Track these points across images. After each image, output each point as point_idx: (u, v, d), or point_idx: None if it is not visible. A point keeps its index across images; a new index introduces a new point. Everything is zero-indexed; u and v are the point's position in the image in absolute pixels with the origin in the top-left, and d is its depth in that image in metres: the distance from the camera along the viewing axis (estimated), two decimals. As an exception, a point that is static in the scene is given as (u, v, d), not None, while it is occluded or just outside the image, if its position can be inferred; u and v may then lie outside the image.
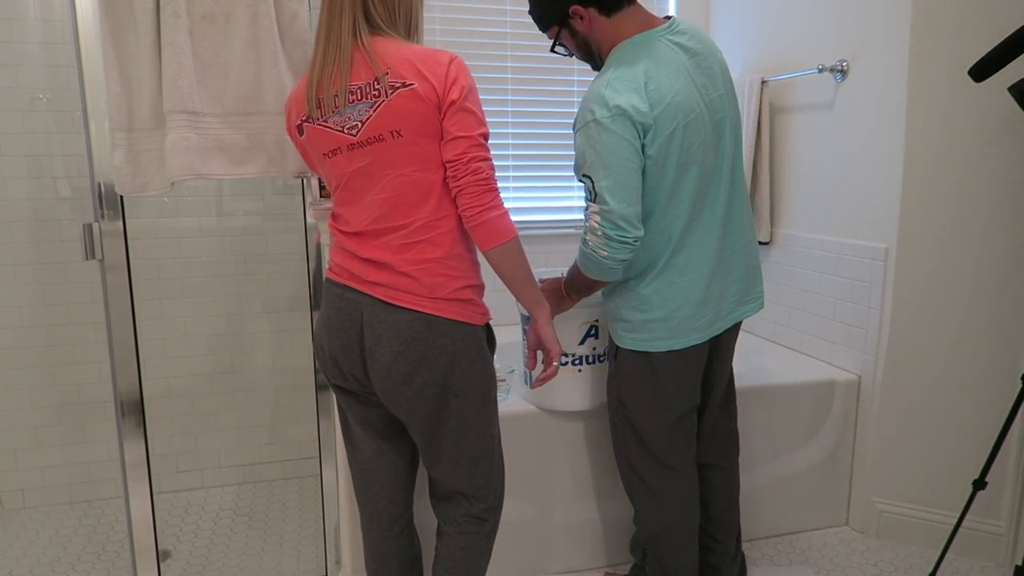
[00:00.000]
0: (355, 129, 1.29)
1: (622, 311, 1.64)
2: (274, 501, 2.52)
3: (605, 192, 1.46)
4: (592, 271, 1.56)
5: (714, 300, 1.62)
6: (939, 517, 2.14)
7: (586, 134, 1.48)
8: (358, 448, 1.53)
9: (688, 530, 1.75)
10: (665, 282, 1.59)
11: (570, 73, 2.80)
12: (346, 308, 1.37)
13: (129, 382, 1.65)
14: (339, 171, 1.34)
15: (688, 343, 1.61)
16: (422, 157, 1.31)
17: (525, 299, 1.42)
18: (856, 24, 2.20)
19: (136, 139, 1.52)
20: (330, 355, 1.41)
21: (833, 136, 2.32)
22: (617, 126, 1.44)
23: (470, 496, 1.49)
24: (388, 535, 1.56)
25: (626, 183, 1.46)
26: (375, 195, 1.32)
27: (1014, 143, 1.93)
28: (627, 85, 1.45)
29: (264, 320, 2.58)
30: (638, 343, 1.63)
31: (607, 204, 1.46)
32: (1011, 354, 2.01)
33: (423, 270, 1.32)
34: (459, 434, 1.42)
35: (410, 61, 1.27)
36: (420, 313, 1.32)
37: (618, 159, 1.45)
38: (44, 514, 2.40)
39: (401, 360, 1.33)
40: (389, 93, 1.27)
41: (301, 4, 1.54)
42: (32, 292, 2.37)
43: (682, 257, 1.58)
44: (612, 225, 1.47)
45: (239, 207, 2.52)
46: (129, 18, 1.46)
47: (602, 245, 1.49)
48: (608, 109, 1.44)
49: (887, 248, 2.12)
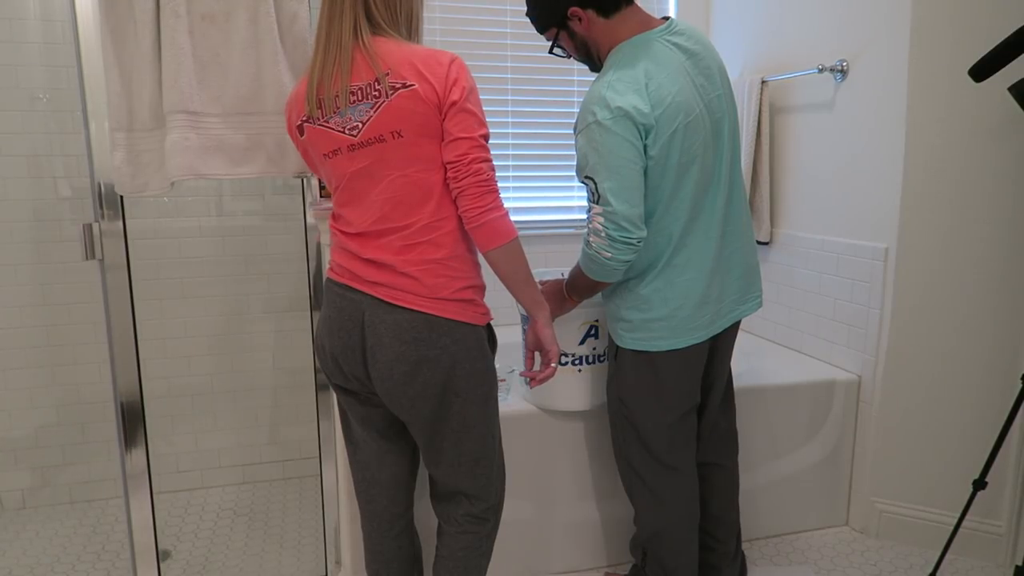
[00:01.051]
0: (356, 130, 1.29)
1: (622, 311, 1.64)
2: (274, 501, 2.52)
3: (608, 193, 1.46)
4: (595, 272, 1.56)
5: (714, 299, 1.62)
6: (939, 517, 2.14)
7: (588, 136, 1.47)
8: (359, 448, 1.53)
9: (688, 530, 1.75)
10: (665, 281, 1.59)
11: (570, 73, 2.80)
12: (347, 308, 1.37)
13: (129, 382, 1.65)
14: (340, 172, 1.34)
15: (689, 342, 1.61)
16: (423, 158, 1.30)
17: (525, 300, 1.42)
18: (856, 24, 2.20)
19: (136, 139, 1.52)
20: (331, 355, 1.41)
21: (833, 136, 2.32)
22: (619, 127, 1.44)
23: (471, 496, 1.49)
24: (388, 535, 1.56)
25: (629, 184, 1.46)
26: (376, 196, 1.32)
27: (1014, 143, 1.93)
28: (628, 86, 1.45)
29: (264, 320, 2.58)
30: (639, 343, 1.63)
31: (610, 205, 1.46)
32: (1011, 354, 2.01)
33: (425, 271, 1.32)
34: (460, 434, 1.42)
35: (411, 61, 1.27)
36: (421, 313, 1.32)
37: (620, 160, 1.45)
38: (44, 514, 2.40)
39: (402, 360, 1.33)
40: (390, 94, 1.27)
41: (301, 4, 1.54)
42: (32, 292, 2.37)
43: (682, 256, 1.58)
44: (615, 226, 1.47)
45: (239, 207, 2.52)
46: (129, 18, 1.46)
47: (606, 247, 1.49)
48: (610, 111, 1.44)
49: (887, 248, 2.12)
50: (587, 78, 2.79)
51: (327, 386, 1.90)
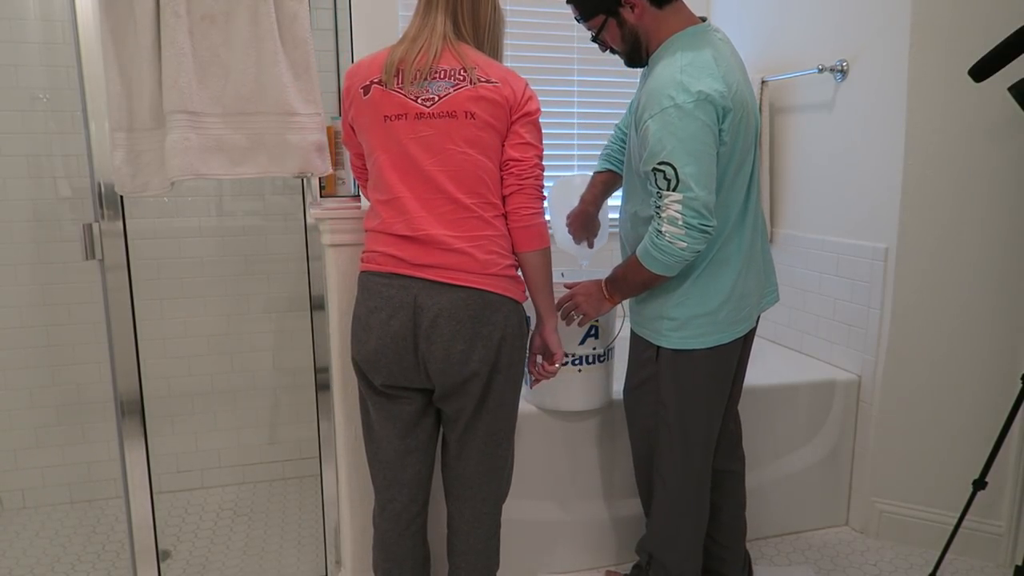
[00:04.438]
0: (430, 102, 1.36)
1: (667, 308, 1.60)
2: (274, 501, 2.52)
3: (690, 179, 1.41)
4: (661, 265, 1.49)
5: (749, 293, 1.63)
6: (939, 517, 2.14)
7: (664, 120, 1.42)
8: (380, 448, 1.52)
9: (698, 538, 1.74)
10: (712, 275, 1.58)
11: (570, 74, 2.80)
12: (396, 296, 1.38)
13: (129, 382, 1.65)
14: (395, 136, 1.38)
15: (731, 337, 1.61)
16: (484, 144, 1.39)
17: (542, 304, 1.51)
18: (856, 24, 2.20)
19: (136, 139, 1.52)
20: (376, 349, 1.41)
21: (833, 136, 2.32)
22: (700, 111, 1.41)
23: (491, 483, 1.53)
24: (406, 534, 1.57)
25: (708, 170, 1.44)
26: (430, 166, 1.37)
27: (1014, 143, 1.93)
28: (702, 71, 1.43)
29: (264, 320, 2.58)
30: (686, 341, 1.59)
31: (691, 191, 1.41)
32: (1011, 354, 2.01)
33: (477, 246, 1.38)
34: (495, 412, 1.46)
35: (494, 66, 1.41)
36: (476, 290, 1.37)
37: (701, 145, 1.42)
38: (44, 514, 2.40)
39: (459, 338, 1.37)
40: (475, 82, 1.37)
41: (301, 4, 1.54)
42: (32, 292, 2.37)
43: (728, 250, 1.58)
44: (695, 213, 1.42)
45: (239, 207, 2.52)
46: (129, 18, 1.46)
47: (681, 236, 1.43)
48: (689, 94, 1.40)
49: (887, 248, 2.12)
50: (588, 78, 2.78)
51: (327, 386, 1.90)
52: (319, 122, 1.59)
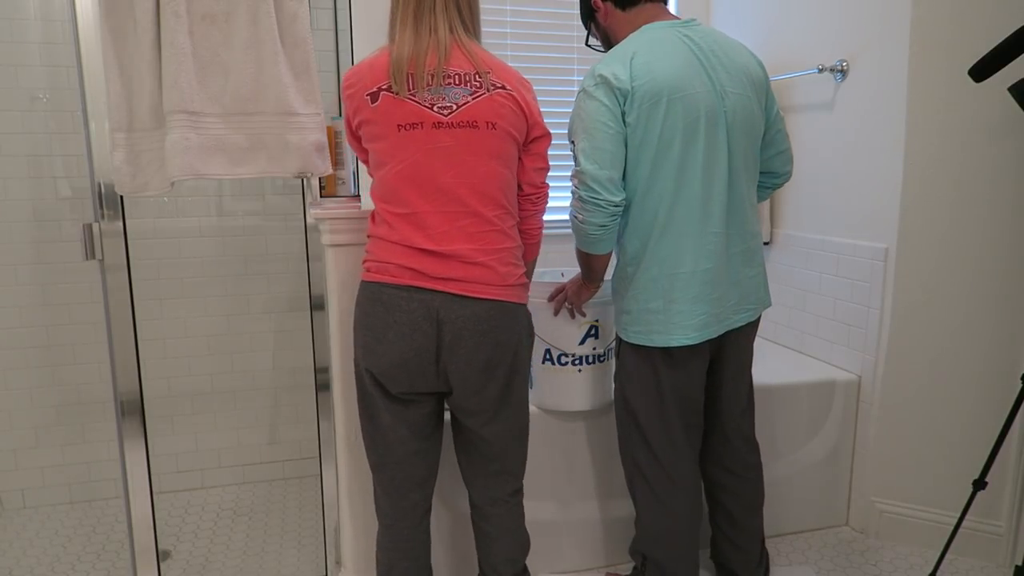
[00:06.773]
0: (448, 110, 1.34)
1: (625, 300, 1.67)
2: (274, 501, 2.52)
3: (580, 154, 1.53)
4: (578, 240, 1.63)
5: (712, 300, 1.61)
6: (939, 517, 2.14)
7: (576, 104, 1.58)
8: (392, 449, 1.50)
9: (689, 537, 1.73)
10: (658, 269, 1.59)
11: (570, 74, 2.80)
12: (418, 310, 1.36)
13: (129, 382, 1.65)
14: (411, 147, 1.35)
15: (683, 341, 1.60)
16: (505, 155, 1.40)
17: None
18: (856, 24, 2.20)
19: (136, 139, 1.52)
20: (396, 363, 1.38)
21: (833, 136, 2.32)
22: (599, 92, 1.52)
23: (515, 472, 1.57)
24: (418, 528, 1.59)
25: (600, 146, 1.52)
26: (451, 178, 1.36)
27: (1014, 143, 1.93)
28: (612, 58, 1.56)
29: (264, 320, 2.59)
30: (639, 336, 1.64)
31: (579, 165, 1.53)
32: (1011, 354, 2.01)
33: (498, 259, 1.40)
34: (516, 409, 1.50)
35: (504, 69, 1.41)
36: (496, 301, 1.39)
37: (596, 123, 1.52)
38: (44, 514, 2.40)
39: (482, 349, 1.39)
40: (491, 89, 1.36)
41: (301, 4, 1.54)
42: (32, 292, 2.37)
43: (670, 243, 1.58)
44: (584, 187, 1.53)
45: (239, 207, 2.52)
46: (129, 18, 1.46)
47: (578, 208, 1.57)
48: (593, 78, 1.54)
49: (887, 248, 2.12)
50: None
51: (327, 386, 1.90)
52: (319, 122, 1.59)
